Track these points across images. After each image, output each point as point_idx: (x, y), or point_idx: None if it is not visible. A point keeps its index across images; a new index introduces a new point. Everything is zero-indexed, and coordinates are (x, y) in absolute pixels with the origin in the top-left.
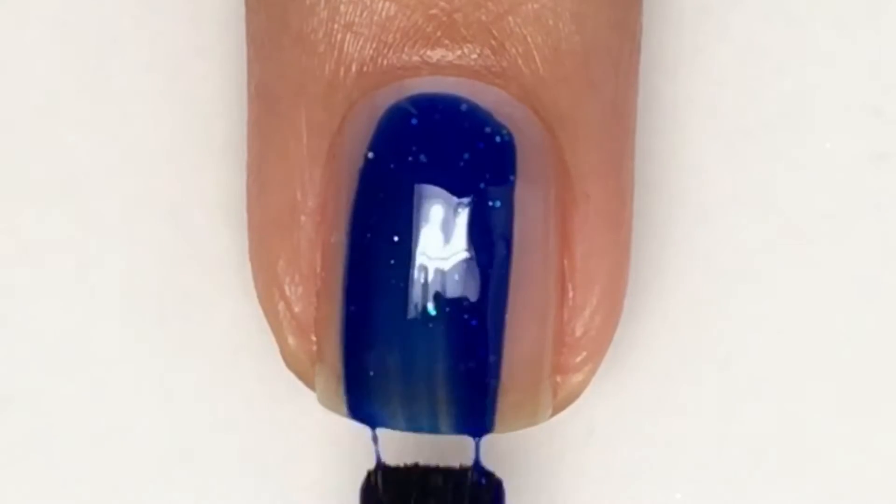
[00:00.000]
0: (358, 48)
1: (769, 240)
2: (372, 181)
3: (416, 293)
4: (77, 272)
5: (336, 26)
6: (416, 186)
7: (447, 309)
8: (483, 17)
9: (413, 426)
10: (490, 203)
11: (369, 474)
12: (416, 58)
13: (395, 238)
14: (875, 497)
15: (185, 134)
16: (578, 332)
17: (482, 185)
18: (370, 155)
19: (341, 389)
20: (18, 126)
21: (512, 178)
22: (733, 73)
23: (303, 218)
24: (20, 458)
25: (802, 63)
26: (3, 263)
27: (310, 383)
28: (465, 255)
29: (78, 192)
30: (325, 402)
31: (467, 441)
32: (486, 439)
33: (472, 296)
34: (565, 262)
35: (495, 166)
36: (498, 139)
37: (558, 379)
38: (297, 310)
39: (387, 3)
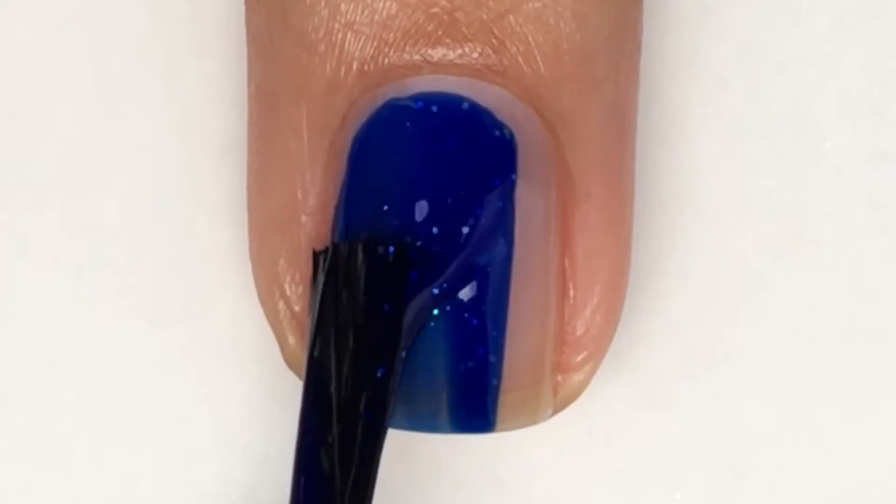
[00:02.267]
0: (359, 47)
1: (769, 240)
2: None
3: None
4: (77, 272)
5: (337, 25)
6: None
7: (448, 308)
8: (484, 16)
9: (414, 425)
10: (491, 202)
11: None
12: (417, 57)
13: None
14: (875, 497)
15: (185, 134)
16: (579, 331)
17: (483, 184)
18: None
19: None
20: (18, 126)
21: (513, 176)
22: (733, 73)
23: (303, 217)
24: (20, 459)
25: (802, 63)
26: (3, 263)
27: None
28: (466, 254)
29: (78, 192)
30: None
31: (467, 439)
32: (487, 438)
33: (473, 295)
34: (566, 261)
35: (496, 165)
36: (499, 138)
37: (559, 378)
38: (297, 309)
39: (388, 2)
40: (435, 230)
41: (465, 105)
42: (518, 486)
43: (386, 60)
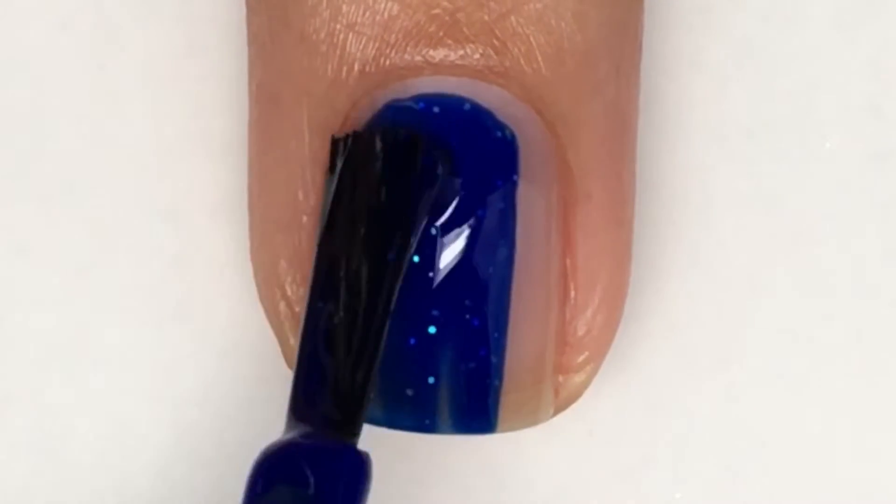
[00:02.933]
0: (360, 48)
1: (769, 240)
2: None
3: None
4: (77, 272)
5: (338, 26)
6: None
7: (449, 309)
8: (485, 17)
9: (415, 426)
10: (493, 203)
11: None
12: (418, 57)
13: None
14: (875, 497)
15: (185, 134)
16: (580, 332)
17: (485, 185)
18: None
19: None
20: (18, 126)
21: (515, 177)
22: (733, 73)
23: (304, 218)
24: (20, 459)
25: (802, 63)
26: (4, 263)
27: None
28: (467, 255)
29: (78, 192)
30: None
31: (468, 439)
32: (487, 439)
33: (475, 296)
34: (567, 261)
35: (498, 166)
36: (501, 139)
37: (560, 378)
38: (297, 309)
39: (389, 3)
40: (434, 230)
41: (467, 106)
42: (518, 487)
43: (387, 61)
